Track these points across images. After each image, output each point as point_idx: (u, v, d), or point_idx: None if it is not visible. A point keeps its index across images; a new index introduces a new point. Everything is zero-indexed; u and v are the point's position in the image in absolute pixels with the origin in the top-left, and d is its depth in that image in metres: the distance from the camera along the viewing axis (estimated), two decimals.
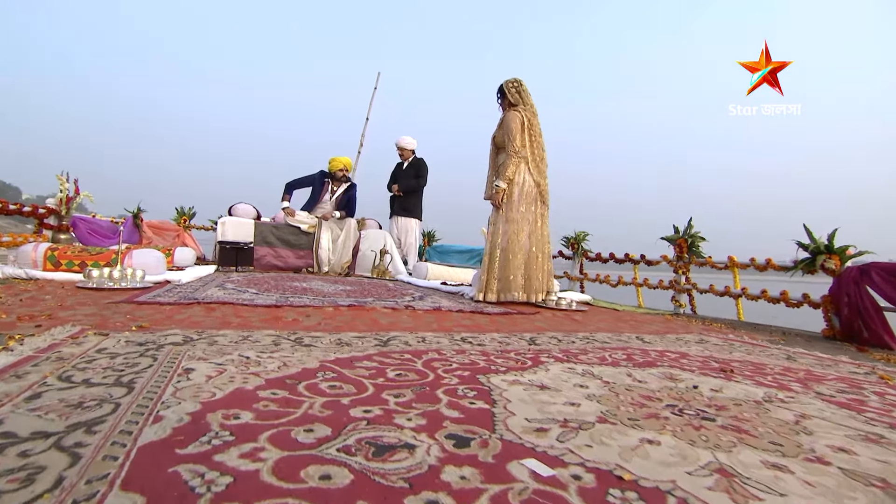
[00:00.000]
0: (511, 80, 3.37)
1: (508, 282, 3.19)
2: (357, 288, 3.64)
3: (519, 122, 3.25)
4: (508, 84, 3.37)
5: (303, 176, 5.71)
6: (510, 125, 3.24)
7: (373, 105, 8.11)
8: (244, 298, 2.40)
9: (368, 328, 1.79)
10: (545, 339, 1.87)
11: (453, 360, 1.30)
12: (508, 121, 3.26)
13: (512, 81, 3.37)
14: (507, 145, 3.25)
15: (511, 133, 3.23)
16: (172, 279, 2.89)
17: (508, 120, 3.26)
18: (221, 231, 5.16)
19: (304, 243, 5.48)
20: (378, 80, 8.20)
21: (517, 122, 3.24)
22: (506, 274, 3.19)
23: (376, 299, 2.86)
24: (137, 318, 1.65)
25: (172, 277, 2.92)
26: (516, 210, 3.22)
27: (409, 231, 5.98)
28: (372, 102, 8.12)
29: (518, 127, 3.25)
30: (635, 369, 1.39)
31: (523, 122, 3.26)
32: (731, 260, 3.64)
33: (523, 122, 3.26)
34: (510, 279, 3.19)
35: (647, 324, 2.82)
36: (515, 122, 3.24)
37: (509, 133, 3.23)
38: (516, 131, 3.23)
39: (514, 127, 3.23)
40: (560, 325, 2.38)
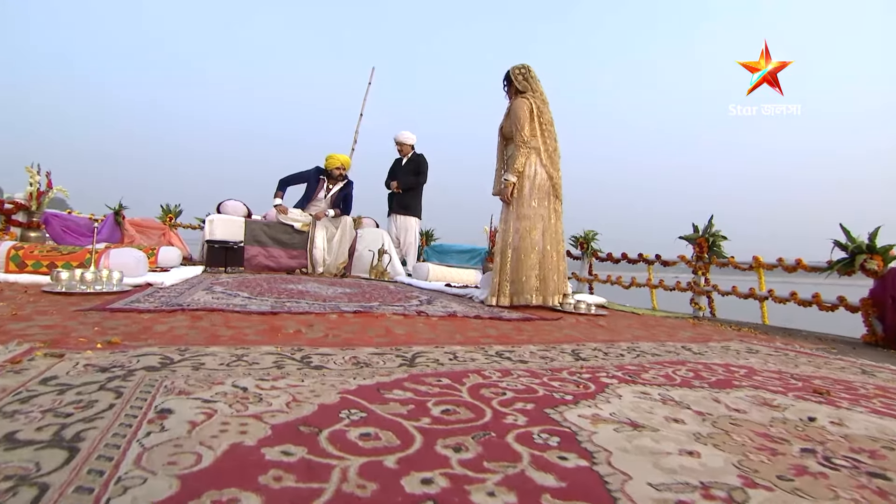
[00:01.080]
0: (518, 66, 3.11)
1: (522, 284, 2.92)
2: (357, 291, 3.36)
3: (527, 109, 2.97)
4: (515, 70, 3.10)
5: (297, 172, 5.40)
6: (518, 113, 2.97)
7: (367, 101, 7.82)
8: (235, 304, 2.12)
9: (384, 340, 1.52)
10: (588, 351, 1.62)
11: (503, 386, 1.04)
12: (516, 108, 2.99)
13: (519, 67, 3.10)
14: (516, 135, 2.97)
15: (519, 121, 2.96)
16: (155, 281, 2.60)
17: (516, 108, 2.99)
18: (209, 229, 4.84)
19: (298, 243, 5.18)
20: (372, 75, 7.90)
21: (525, 110, 2.97)
22: (519, 275, 2.93)
23: (382, 304, 2.59)
24: (108, 330, 1.37)
25: (155, 280, 2.62)
26: (528, 206, 2.96)
27: (408, 230, 5.70)
28: (366, 98, 7.83)
29: (526, 115, 2.97)
30: (716, 391, 1.15)
31: (532, 110, 2.99)
32: (756, 260, 3.42)
33: (532, 109, 2.99)
34: (523, 281, 2.92)
35: (679, 329, 2.58)
36: (523, 109, 2.97)
37: (517, 122, 2.96)
38: (524, 119, 2.96)
39: (521, 115, 2.96)
40: (590, 332, 2.13)
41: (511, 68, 3.13)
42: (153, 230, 5.45)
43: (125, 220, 4.72)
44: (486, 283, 3.58)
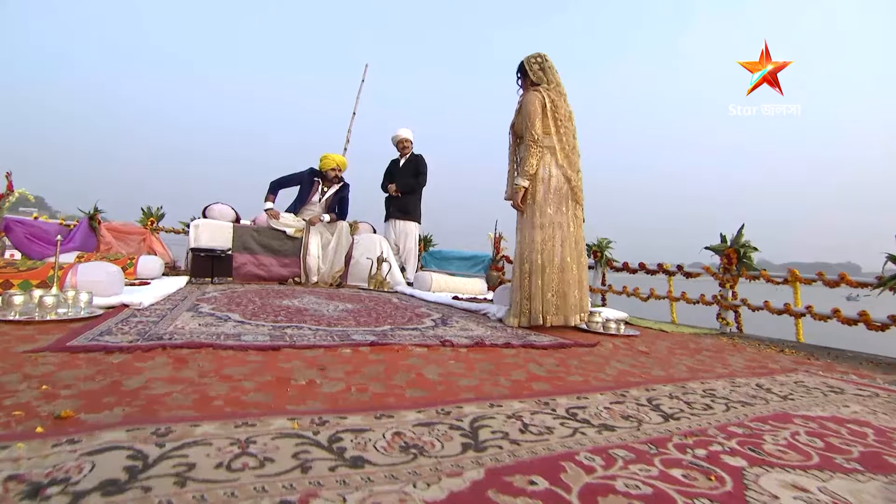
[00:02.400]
0: (533, 55, 2.78)
1: (542, 302, 2.59)
2: (361, 307, 3.04)
3: (539, 103, 2.64)
4: (530, 60, 2.77)
5: (290, 174, 5.04)
6: (528, 108, 2.64)
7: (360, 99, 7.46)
8: (227, 333, 1.78)
9: (422, 395, 1.20)
10: (666, 400, 1.32)
11: (622, 490, 0.74)
12: (527, 103, 2.66)
13: (534, 57, 2.78)
14: (526, 133, 2.65)
15: (530, 116, 2.63)
16: (131, 302, 2.24)
17: (527, 102, 2.66)
18: (195, 235, 4.45)
19: (290, 250, 4.82)
20: (366, 72, 7.55)
21: (537, 104, 2.64)
22: (538, 292, 2.59)
23: (394, 326, 2.27)
24: (58, 387, 1.03)
25: (131, 300, 2.26)
26: (543, 213, 2.62)
27: (407, 235, 5.37)
28: (359, 96, 7.46)
29: (538, 109, 2.64)
30: (888, 482, 0.86)
31: (544, 104, 2.66)
32: (792, 274, 3.17)
33: (544, 103, 2.66)
34: (544, 298, 2.60)
35: (723, 353, 2.31)
36: (534, 103, 2.64)
37: (528, 116, 2.63)
38: (535, 115, 2.63)
39: (532, 110, 2.63)
40: (640, 364, 1.84)
41: (525, 58, 2.81)
42: (133, 235, 5.04)
43: (101, 225, 4.31)
44: (502, 297, 3.28)
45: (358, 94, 7.42)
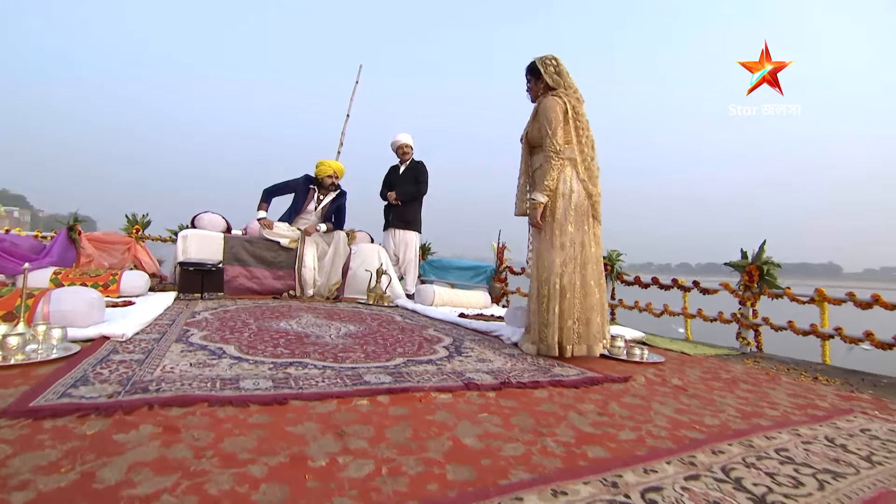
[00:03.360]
0: (546, 57, 2.55)
1: (562, 330, 2.38)
2: (364, 328, 2.82)
3: (560, 109, 2.42)
4: (545, 61, 2.54)
5: (284, 181, 4.80)
6: (549, 114, 2.41)
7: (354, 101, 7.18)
8: (223, 378, 1.56)
9: (465, 473, 1.00)
10: (740, 468, 1.13)
11: None
12: (547, 109, 2.43)
13: (548, 58, 2.55)
14: (546, 142, 2.41)
15: (551, 124, 2.40)
16: (113, 333, 1.99)
17: (547, 108, 2.43)
18: (183, 247, 4.19)
19: (284, 261, 4.58)
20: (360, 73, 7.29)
21: (559, 111, 2.41)
22: (556, 319, 2.36)
23: (408, 359, 2.06)
24: (9, 488, 0.80)
25: (113, 331, 2.01)
26: (563, 231, 2.40)
27: (407, 245, 5.15)
28: (353, 97, 7.20)
29: (560, 116, 2.41)
30: None
31: (566, 111, 2.44)
32: (819, 294, 3.02)
33: (566, 110, 2.44)
34: (564, 326, 2.38)
35: (761, 385, 2.13)
36: (556, 109, 2.41)
37: (549, 124, 2.40)
38: (557, 122, 2.40)
39: (554, 117, 2.40)
40: (682, 405, 1.65)
41: (537, 59, 2.57)
42: (117, 245, 4.75)
43: (82, 236, 4.03)
44: (514, 318, 3.08)
45: (352, 96, 7.17)
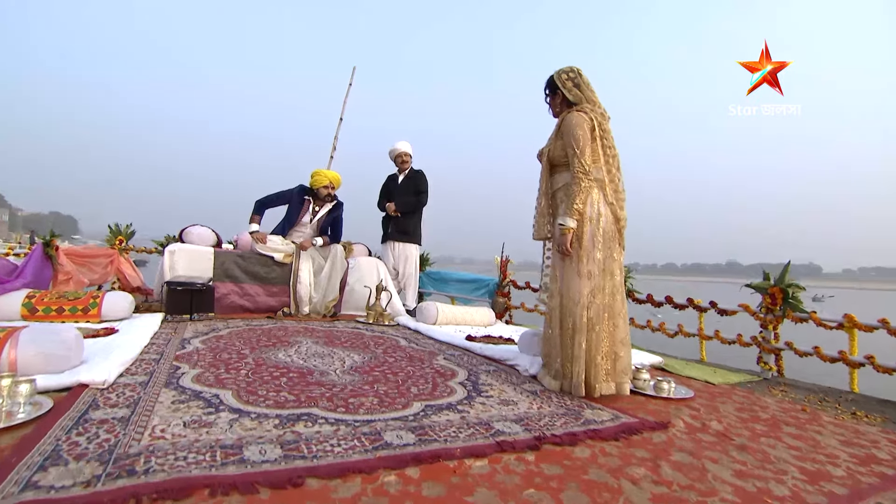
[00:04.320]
0: (565, 70, 2.40)
1: (590, 367, 2.19)
2: (369, 357, 2.62)
3: (588, 126, 2.26)
4: (562, 75, 2.38)
5: (277, 192, 4.56)
6: (575, 132, 2.24)
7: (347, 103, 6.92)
8: (224, 444, 1.34)
9: None
10: None
11: None
12: (573, 126, 2.26)
13: (566, 71, 2.39)
14: (574, 161, 2.24)
15: (578, 143, 2.23)
16: (92, 380, 1.75)
17: (573, 125, 2.26)
18: (170, 263, 3.93)
19: (278, 277, 4.34)
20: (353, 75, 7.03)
21: (586, 128, 2.25)
22: (583, 354, 2.19)
23: (426, 404, 1.86)
24: None
25: (93, 377, 1.76)
26: (591, 259, 2.23)
27: (407, 259, 4.94)
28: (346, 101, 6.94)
29: (587, 134, 2.25)
30: None
31: (593, 128, 2.28)
32: (848, 319, 2.88)
33: (593, 126, 2.28)
34: (593, 363, 2.19)
35: (808, 428, 1.97)
36: (583, 126, 2.25)
37: (575, 142, 2.23)
38: (585, 141, 2.24)
39: (581, 135, 2.24)
40: (739, 463, 1.47)
41: (556, 73, 2.42)
42: (98, 259, 4.48)
43: (59, 251, 3.76)
44: (529, 345, 2.90)
45: (345, 99, 6.93)
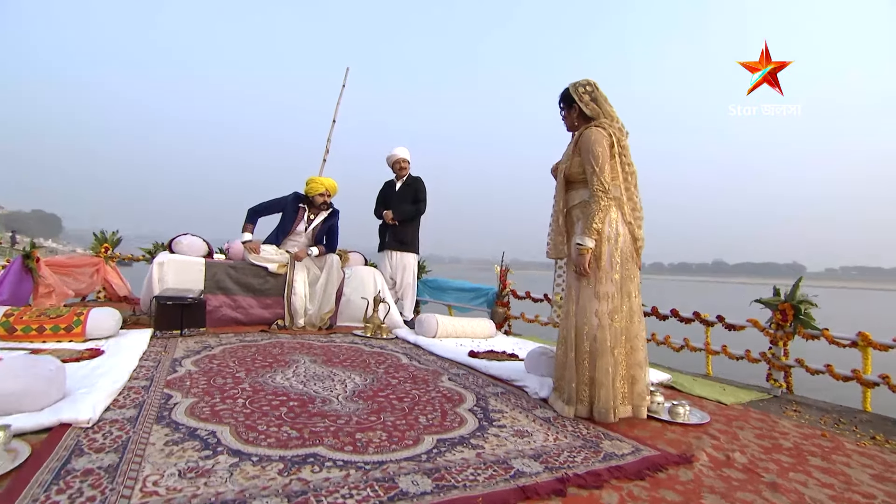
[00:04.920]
0: (581, 83, 2.31)
1: (609, 390, 2.11)
2: (371, 379, 2.50)
3: (607, 143, 2.19)
4: (579, 89, 2.30)
5: (271, 199, 4.41)
6: (594, 148, 2.16)
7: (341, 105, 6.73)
8: (225, 498, 1.22)
9: None
10: None
11: None
12: (592, 142, 2.18)
13: (583, 85, 2.31)
14: (593, 179, 2.17)
15: (598, 160, 2.16)
16: (75, 419, 1.61)
17: (592, 141, 2.18)
18: (159, 275, 3.77)
19: (272, 288, 4.19)
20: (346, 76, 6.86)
21: (605, 145, 2.18)
22: (601, 377, 2.12)
23: (438, 438, 1.74)
24: None
25: (76, 416, 1.61)
26: (609, 279, 2.17)
27: (405, 268, 4.82)
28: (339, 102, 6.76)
29: (607, 152, 2.18)
30: None
31: (612, 144, 2.21)
32: (863, 337, 2.82)
33: (612, 143, 2.21)
34: (610, 385, 2.11)
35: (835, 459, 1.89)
36: (603, 143, 2.18)
37: (594, 160, 2.16)
38: (605, 158, 2.17)
39: (600, 152, 2.16)
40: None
41: (572, 86, 2.33)
42: (83, 269, 4.29)
43: (40, 263, 3.57)
44: (537, 366, 2.80)
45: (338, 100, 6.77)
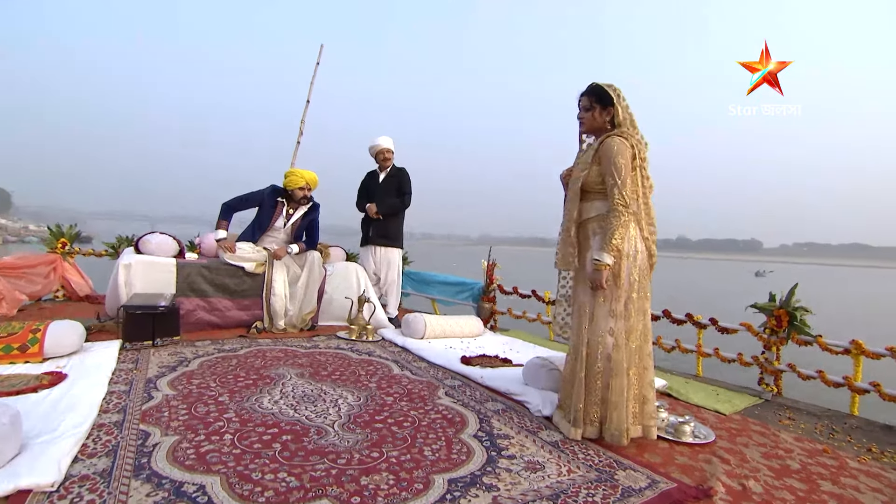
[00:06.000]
0: (614, 87, 2.17)
1: (622, 411, 2.05)
2: (365, 398, 2.35)
3: (629, 155, 2.08)
4: (617, 91, 2.15)
5: (246, 193, 4.12)
6: (617, 160, 2.05)
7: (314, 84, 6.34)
8: None
9: None
10: None
11: None
12: (615, 153, 2.06)
13: (613, 87, 2.16)
14: (614, 192, 2.06)
15: (620, 173, 2.05)
16: (37, 484, 1.40)
17: (616, 153, 2.06)
18: (125, 279, 3.47)
19: (250, 289, 3.95)
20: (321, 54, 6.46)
21: (628, 156, 2.07)
22: (615, 398, 2.05)
23: (450, 480, 1.62)
24: None
25: (37, 480, 1.40)
26: (628, 297, 2.09)
27: (390, 264, 4.63)
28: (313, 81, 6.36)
29: (629, 164, 2.08)
30: None
31: (634, 157, 2.11)
32: (856, 346, 2.83)
33: (634, 156, 2.11)
34: (622, 405, 2.05)
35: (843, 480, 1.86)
36: (626, 155, 2.07)
37: (617, 172, 2.04)
38: (627, 171, 2.06)
39: (624, 164, 2.05)
40: None
41: (607, 86, 2.16)
42: (38, 268, 3.95)
43: None
44: (536, 378, 2.71)
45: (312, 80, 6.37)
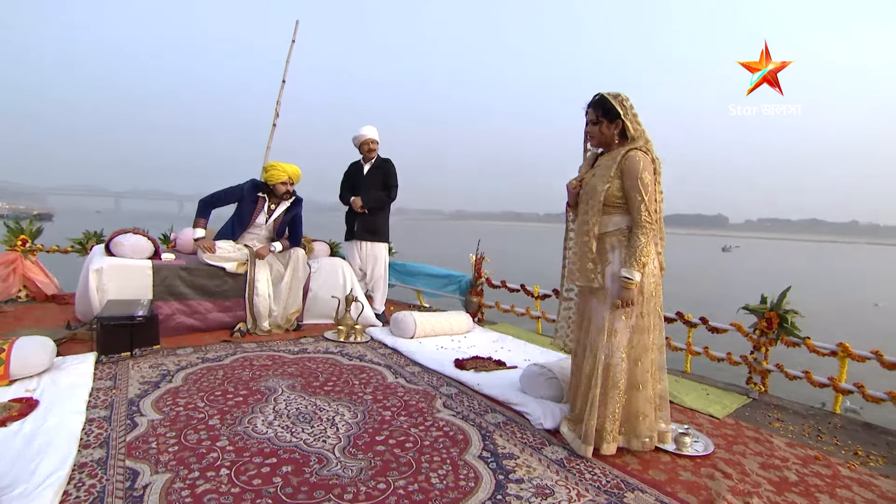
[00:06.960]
0: (622, 97, 2.10)
1: (638, 422, 2.13)
2: (360, 412, 2.27)
3: (652, 170, 2.07)
4: (624, 102, 2.09)
5: (225, 188, 3.90)
6: (644, 176, 2.02)
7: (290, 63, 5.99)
8: None
9: None
10: None
11: None
12: (641, 168, 2.02)
13: (624, 97, 2.10)
14: (640, 208, 2.03)
15: (647, 189, 2.03)
16: None
17: (641, 168, 2.02)
18: (98, 284, 3.26)
19: (231, 290, 3.78)
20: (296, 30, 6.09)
21: (652, 172, 2.06)
22: (634, 409, 2.12)
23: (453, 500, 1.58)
24: None
25: None
26: (648, 313, 2.12)
27: (377, 260, 4.49)
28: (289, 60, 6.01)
29: (653, 180, 2.07)
30: None
31: (655, 171, 2.10)
32: (843, 349, 2.88)
33: (655, 170, 2.10)
34: (643, 418, 2.13)
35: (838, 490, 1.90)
36: (650, 170, 2.05)
37: (644, 188, 2.02)
38: (653, 186, 2.06)
39: (650, 181, 2.04)
40: None
41: (612, 96, 2.09)
42: None
43: None
44: (535, 387, 2.68)
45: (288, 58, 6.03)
